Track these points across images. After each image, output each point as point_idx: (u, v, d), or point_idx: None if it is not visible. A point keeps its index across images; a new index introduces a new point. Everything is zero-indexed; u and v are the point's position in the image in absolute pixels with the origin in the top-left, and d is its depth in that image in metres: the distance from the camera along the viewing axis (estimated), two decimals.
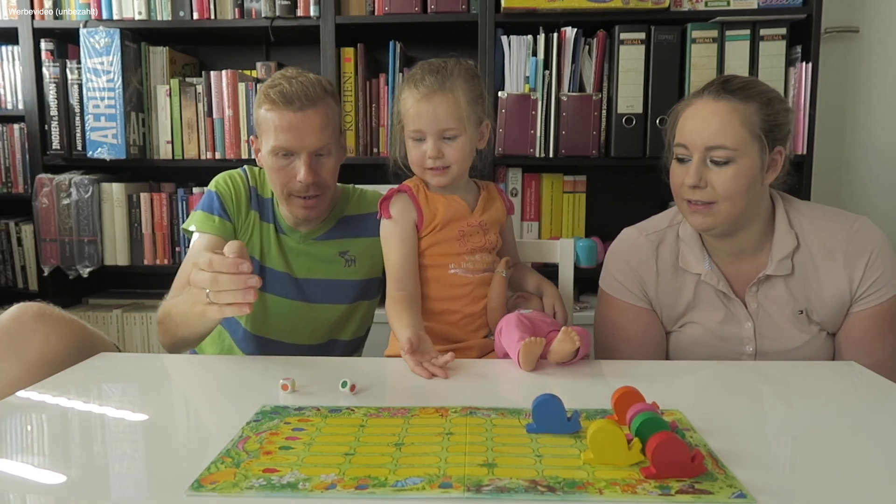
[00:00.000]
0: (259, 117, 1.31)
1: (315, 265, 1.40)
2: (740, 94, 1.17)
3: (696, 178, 1.17)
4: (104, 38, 2.19)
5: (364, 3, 2.20)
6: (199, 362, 1.22)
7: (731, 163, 1.15)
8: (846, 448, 0.78)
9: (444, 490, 0.66)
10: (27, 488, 0.69)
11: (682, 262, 1.27)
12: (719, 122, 1.16)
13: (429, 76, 1.19)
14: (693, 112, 1.20)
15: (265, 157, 1.31)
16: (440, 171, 1.21)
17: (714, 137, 1.16)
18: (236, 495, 0.66)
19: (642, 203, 2.43)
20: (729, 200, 1.17)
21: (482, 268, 1.25)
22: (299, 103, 1.26)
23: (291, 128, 1.26)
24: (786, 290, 1.23)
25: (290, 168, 1.29)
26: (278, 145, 1.27)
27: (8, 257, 2.43)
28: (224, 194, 1.38)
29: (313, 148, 1.28)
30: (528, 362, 1.04)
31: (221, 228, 1.35)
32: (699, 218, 1.20)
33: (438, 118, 1.18)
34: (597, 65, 2.13)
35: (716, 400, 0.95)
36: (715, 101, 1.18)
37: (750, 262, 1.25)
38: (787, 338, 1.23)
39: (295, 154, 1.28)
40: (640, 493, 0.66)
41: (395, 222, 1.23)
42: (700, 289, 1.27)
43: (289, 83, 1.27)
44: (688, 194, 1.20)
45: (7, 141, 2.39)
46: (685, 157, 1.20)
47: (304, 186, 1.29)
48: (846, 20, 2.35)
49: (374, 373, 1.03)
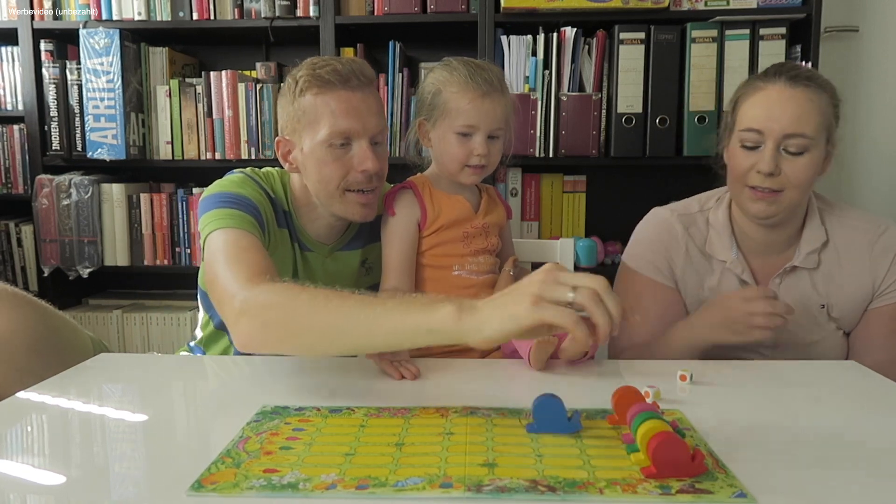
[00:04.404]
0: (304, 106, 1.15)
1: (340, 281, 1.25)
2: (815, 83, 1.15)
3: (773, 165, 1.14)
4: (104, 39, 2.18)
5: (364, 3, 2.20)
6: (199, 362, 1.22)
7: (805, 152, 1.14)
8: (846, 448, 0.78)
9: (444, 490, 0.66)
10: (27, 488, 0.69)
11: (709, 247, 1.27)
12: (799, 108, 1.13)
13: (483, 73, 1.17)
14: (765, 97, 1.17)
15: (315, 151, 1.15)
16: (480, 170, 1.21)
17: (794, 125, 1.13)
18: (237, 495, 0.66)
19: (642, 203, 2.43)
20: (797, 189, 1.15)
21: (485, 270, 1.25)
22: (357, 81, 1.14)
23: (352, 110, 1.13)
24: (810, 283, 1.24)
25: (347, 159, 1.15)
26: (338, 130, 1.13)
27: (8, 258, 2.43)
28: (259, 203, 1.16)
29: (376, 131, 1.16)
30: (538, 361, 1.04)
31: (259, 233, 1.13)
32: (762, 205, 1.17)
33: (496, 117, 1.18)
34: (596, 65, 2.13)
35: (716, 400, 0.95)
36: (792, 87, 1.14)
37: (777, 256, 1.25)
38: (806, 332, 1.23)
39: (354, 141, 1.15)
40: (640, 493, 0.66)
41: (399, 219, 1.22)
42: (724, 276, 1.26)
43: (338, 63, 1.14)
44: (755, 181, 1.16)
45: (7, 141, 2.39)
46: (756, 143, 1.16)
47: (368, 177, 1.16)
48: (846, 20, 2.35)
49: (374, 373, 1.03)
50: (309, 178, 1.20)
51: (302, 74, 1.16)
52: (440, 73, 1.21)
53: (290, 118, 1.18)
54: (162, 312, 2.36)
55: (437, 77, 1.21)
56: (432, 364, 1.08)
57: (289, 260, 1.23)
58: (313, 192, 1.21)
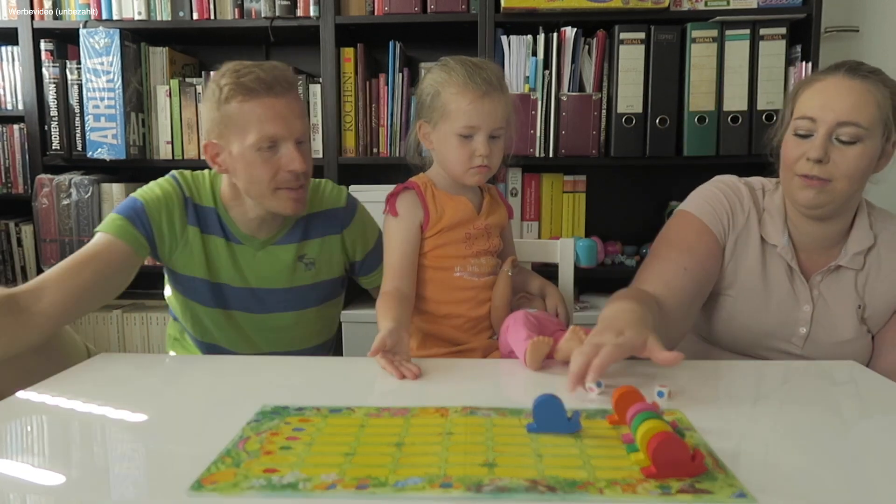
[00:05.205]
0: (230, 112, 1.20)
1: (274, 274, 1.33)
2: (875, 77, 1.15)
3: (822, 151, 1.13)
4: (104, 39, 2.19)
5: (364, 3, 2.20)
6: (199, 362, 1.22)
7: (858, 142, 1.13)
8: (847, 448, 0.78)
9: (444, 490, 0.66)
10: (27, 489, 0.69)
11: (762, 229, 1.26)
12: (855, 98, 1.13)
13: (482, 73, 1.16)
14: (823, 87, 1.17)
15: (245, 154, 1.21)
16: (485, 170, 1.20)
17: (848, 113, 1.13)
18: (237, 495, 0.66)
19: (642, 203, 2.45)
20: (847, 180, 1.14)
21: (487, 271, 1.24)
22: (280, 88, 1.20)
23: (277, 116, 1.20)
24: (852, 283, 1.24)
25: (275, 160, 1.22)
26: (265, 135, 1.19)
27: (8, 258, 2.43)
28: (152, 209, 1.27)
29: (300, 133, 1.23)
30: (534, 361, 1.04)
31: (133, 239, 1.25)
32: (811, 193, 1.17)
33: (497, 116, 1.17)
34: (597, 65, 2.13)
35: (716, 400, 0.95)
36: (850, 79, 1.15)
37: (821, 254, 1.26)
38: (841, 331, 1.24)
39: (280, 143, 1.21)
40: (640, 493, 0.66)
41: (401, 220, 1.21)
42: (772, 259, 1.26)
43: (261, 70, 1.19)
44: (805, 168, 1.16)
45: (7, 141, 2.39)
46: (809, 131, 1.16)
47: (296, 175, 1.23)
48: (846, 20, 2.35)
49: (375, 372, 1.03)
50: (239, 179, 1.25)
51: (226, 83, 1.20)
52: (438, 74, 1.20)
53: (216, 123, 1.23)
54: (162, 312, 2.35)
55: (435, 78, 1.20)
56: (432, 364, 1.08)
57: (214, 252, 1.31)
58: (245, 191, 1.27)
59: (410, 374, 1.00)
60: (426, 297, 1.23)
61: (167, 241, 1.30)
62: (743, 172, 1.34)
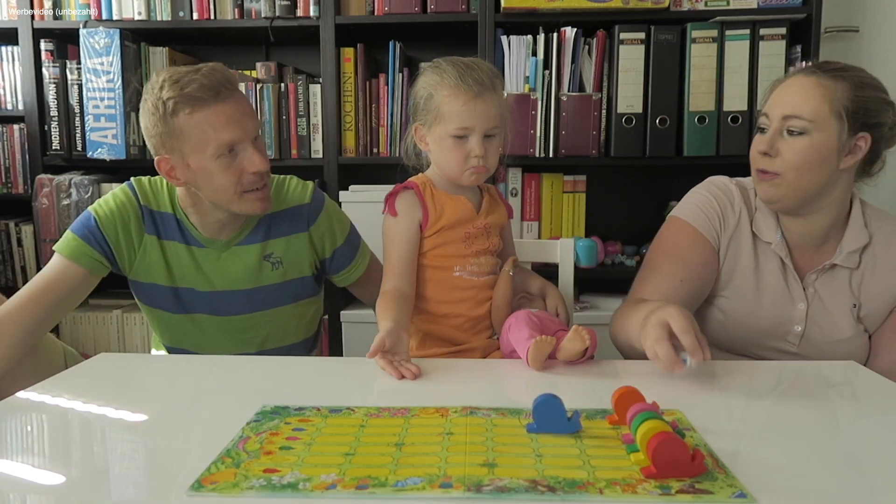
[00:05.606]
0: (179, 125, 1.17)
1: (239, 275, 1.32)
2: (832, 74, 1.18)
3: (768, 144, 1.18)
4: (104, 39, 2.18)
5: (364, 3, 2.21)
6: (199, 362, 1.22)
7: (804, 134, 1.16)
8: (847, 448, 0.78)
9: (444, 490, 0.66)
10: (27, 488, 0.69)
11: (755, 227, 1.27)
12: (803, 93, 1.17)
13: (473, 73, 1.16)
14: (783, 86, 1.22)
15: (206, 165, 1.19)
16: (482, 170, 1.19)
17: (793, 107, 1.17)
18: (237, 495, 0.66)
19: (642, 203, 2.45)
20: (795, 172, 1.17)
21: (486, 271, 1.24)
22: (226, 91, 1.18)
23: (231, 120, 1.18)
24: (847, 282, 1.25)
25: (236, 164, 1.20)
26: (223, 143, 1.17)
27: (8, 258, 2.43)
28: (105, 224, 1.28)
29: (255, 132, 1.22)
30: (536, 360, 1.04)
31: (89, 261, 1.27)
32: (765, 187, 1.21)
33: (490, 116, 1.16)
34: (597, 65, 2.13)
35: (716, 400, 0.95)
36: (806, 77, 1.19)
37: (815, 252, 1.26)
38: (837, 330, 1.24)
39: (238, 146, 1.20)
40: (640, 493, 0.66)
41: (400, 220, 1.21)
42: (767, 257, 1.27)
43: (201, 76, 1.17)
44: (759, 162, 1.21)
45: (7, 141, 2.39)
46: (765, 126, 1.21)
47: (260, 175, 1.22)
48: (846, 20, 2.35)
49: (375, 372, 1.03)
50: (203, 189, 1.24)
51: (170, 95, 1.16)
52: (430, 76, 1.19)
53: (165, 137, 1.20)
54: None
55: (427, 80, 1.20)
56: (432, 364, 1.08)
57: (174, 258, 1.31)
58: (210, 200, 1.25)
59: (410, 375, 1.00)
60: (426, 296, 1.23)
61: (125, 252, 1.30)
62: (743, 172, 1.34)
